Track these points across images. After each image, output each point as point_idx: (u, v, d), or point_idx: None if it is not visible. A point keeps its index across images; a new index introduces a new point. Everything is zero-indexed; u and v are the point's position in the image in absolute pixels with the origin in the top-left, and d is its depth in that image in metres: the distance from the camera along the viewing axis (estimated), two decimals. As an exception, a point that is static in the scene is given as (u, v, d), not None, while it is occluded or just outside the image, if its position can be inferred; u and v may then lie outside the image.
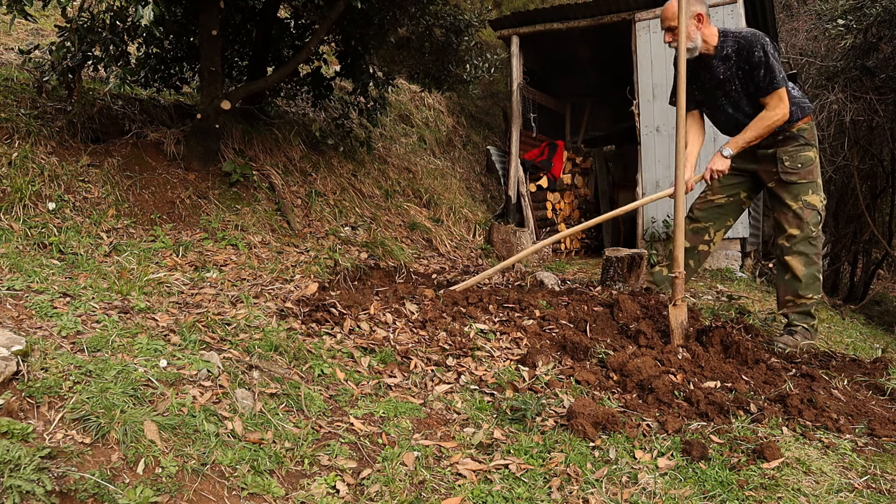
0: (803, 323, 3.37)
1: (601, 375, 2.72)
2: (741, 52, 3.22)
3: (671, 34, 3.25)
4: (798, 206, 3.29)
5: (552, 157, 7.75)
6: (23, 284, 2.61)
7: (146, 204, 3.85)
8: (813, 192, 3.30)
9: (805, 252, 3.30)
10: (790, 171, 3.30)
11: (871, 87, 6.73)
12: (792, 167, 3.29)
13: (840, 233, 9.40)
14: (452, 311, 3.22)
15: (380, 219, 5.37)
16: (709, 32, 3.27)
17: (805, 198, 3.29)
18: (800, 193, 3.30)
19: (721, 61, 3.28)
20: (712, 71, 3.32)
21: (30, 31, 5.74)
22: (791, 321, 3.40)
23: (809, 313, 3.38)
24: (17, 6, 3.12)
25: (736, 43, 3.25)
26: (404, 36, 6.06)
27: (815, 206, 3.30)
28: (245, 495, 1.71)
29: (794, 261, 3.32)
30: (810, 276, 3.32)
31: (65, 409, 1.75)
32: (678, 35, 3.06)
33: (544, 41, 7.91)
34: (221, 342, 2.45)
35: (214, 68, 4.04)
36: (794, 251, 3.31)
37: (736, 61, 3.25)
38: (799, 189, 3.30)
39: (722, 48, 3.27)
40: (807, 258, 3.31)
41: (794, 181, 3.30)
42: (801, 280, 3.31)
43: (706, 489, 1.91)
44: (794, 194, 3.31)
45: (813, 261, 3.31)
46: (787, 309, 3.41)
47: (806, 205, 3.29)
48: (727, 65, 3.28)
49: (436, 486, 1.88)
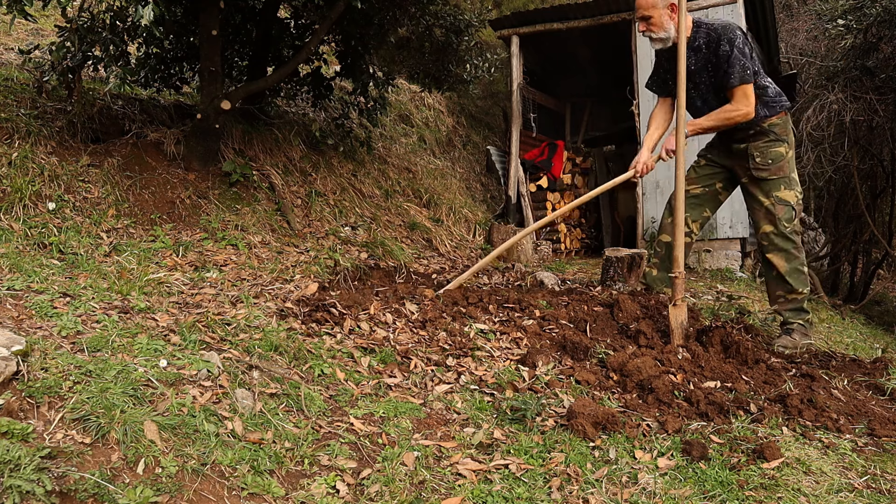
0: (798, 319, 3.37)
1: (601, 375, 2.72)
2: (710, 44, 3.19)
3: (645, 23, 3.23)
4: (769, 203, 3.28)
5: (552, 157, 7.75)
6: (23, 284, 2.61)
7: (146, 204, 3.85)
8: (785, 188, 3.28)
9: (783, 247, 3.29)
10: (761, 167, 3.28)
11: (871, 87, 6.73)
12: (763, 163, 3.28)
13: (840, 233, 9.40)
14: (452, 311, 3.22)
15: (380, 219, 5.37)
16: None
17: (777, 194, 3.28)
18: (771, 189, 3.29)
19: (693, 52, 3.24)
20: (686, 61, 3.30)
21: (30, 31, 5.74)
22: (786, 319, 3.40)
23: (802, 308, 3.37)
24: (17, 6, 3.12)
25: (707, 35, 3.21)
26: (404, 36, 6.06)
27: (789, 201, 3.28)
28: (245, 495, 1.71)
29: (775, 258, 3.32)
30: (793, 271, 3.31)
31: (65, 409, 1.75)
32: (651, 25, 3.16)
33: (544, 41, 7.91)
34: (221, 342, 2.45)
35: (214, 68, 4.04)
36: (772, 248, 3.31)
37: (706, 53, 3.22)
38: (770, 185, 3.29)
39: (695, 39, 3.23)
40: (786, 253, 3.30)
41: (765, 177, 3.28)
42: (786, 275, 3.31)
43: (706, 489, 1.91)
44: (766, 190, 3.30)
45: (793, 255, 3.30)
46: (780, 306, 3.41)
47: (778, 200, 3.27)
48: (698, 56, 3.25)
49: (436, 486, 1.88)
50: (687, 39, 3.17)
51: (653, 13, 3.18)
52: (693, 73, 3.27)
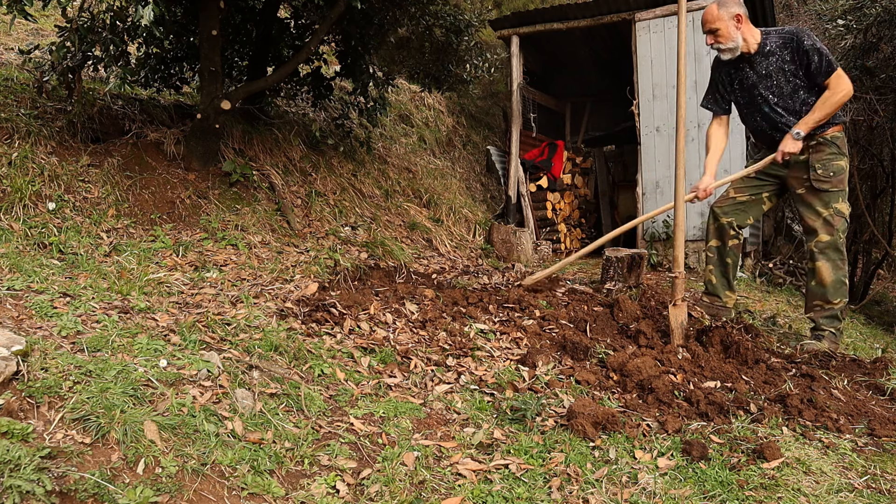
0: (830, 327, 3.41)
1: (601, 375, 2.72)
2: (786, 45, 3.28)
3: (712, 37, 3.34)
4: (829, 213, 3.33)
5: (552, 157, 7.75)
6: (23, 284, 2.61)
7: (146, 204, 3.85)
8: (842, 200, 3.34)
9: (833, 258, 3.35)
10: (822, 178, 3.33)
11: (871, 87, 6.73)
12: (825, 175, 3.32)
13: (840, 233, 9.37)
14: (452, 311, 3.22)
15: (380, 219, 5.37)
16: (749, 31, 3.33)
17: (835, 205, 3.33)
18: (830, 201, 3.33)
19: (764, 57, 3.34)
20: (755, 67, 3.37)
21: (30, 31, 5.74)
22: (818, 325, 3.44)
23: (836, 317, 3.42)
24: (17, 6, 3.12)
25: (780, 38, 3.31)
26: (404, 36, 6.06)
27: (844, 213, 3.35)
28: (245, 495, 1.71)
29: (824, 267, 3.37)
30: (837, 282, 3.36)
31: (65, 409, 1.75)
32: (719, 37, 3.29)
33: (544, 41, 7.91)
34: (221, 342, 2.45)
35: (214, 68, 4.04)
36: (823, 257, 3.37)
37: (780, 56, 3.30)
38: (830, 197, 3.34)
39: (765, 44, 3.33)
40: (834, 264, 3.36)
41: (827, 189, 3.33)
42: (828, 285, 3.36)
43: (706, 489, 1.91)
44: (826, 202, 3.34)
45: (839, 266, 3.37)
46: (815, 313, 3.46)
47: (836, 212, 3.33)
48: (769, 60, 3.33)
49: (436, 486, 1.88)
50: (757, 46, 3.32)
51: (720, 25, 3.29)
52: (765, 76, 3.36)
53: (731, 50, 3.33)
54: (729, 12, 3.27)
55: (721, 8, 3.28)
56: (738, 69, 3.43)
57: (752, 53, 3.34)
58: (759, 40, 3.33)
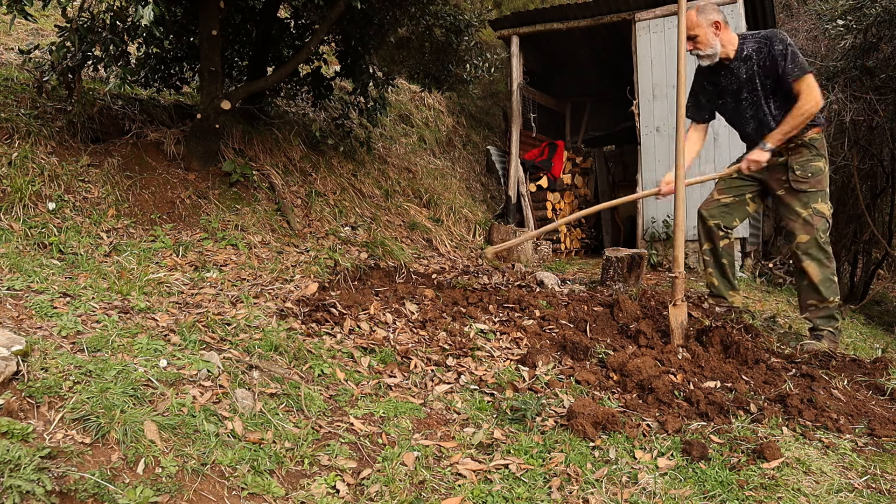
0: (828, 327, 3.43)
1: (601, 375, 2.72)
2: (761, 50, 3.30)
3: (692, 42, 3.36)
4: (808, 214, 3.36)
5: (552, 157, 7.75)
6: (23, 284, 2.61)
7: (146, 204, 3.85)
8: (822, 201, 3.37)
9: (818, 257, 3.38)
10: (801, 179, 3.36)
11: (871, 87, 6.73)
12: (803, 176, 3.36)
13: (840, 233, 9.39)
14: (452, 311, 3.22)
15: (380, 219, 5.36)
16: (727, 38, 3.36)
17: (815, 206, 3.36)
18: (810, 201, 3.36)
19: (742, 62, 3.36)
20: (735, 73, 3.39)
21: (30, 31, 5.74)
22: (816, 325, 3.47)
23: (833, 316, 3.44)
24: (17, 6, 3.12)
25: (756, 42, 3.33)
26: (404, 36, 6.06)
27: (824, 213, 3.37)
28: (245, 495, 1.71)
29: (810, 267, 3.39)
30: (826, 280, 3.39)
31: (65, 409, 1.75)
32: (698, 43, 3.30)
33: (544, 41, 7.91)
34: (221, 342, 2.45)
35: (214, 68, 4.03)
36: (808, 257, 3.39)
37: (756, 59, 3.32)
38: (809, 197, 3.37)
39: (742, 50, 3.35)
40: (819, 262, 3.38)
41: (805, 189, 3.36)
42: (818, 284, 3.39)
43: (706, 489, 1.91)
44: (804, 202, 3.37)
45: (825, 264, 3.39)
46: (811, 314, 3.48)
47: (815, 212, 3.35)
48: (748, 65, 3.35)
49: (436, 486, 1.88)
50: (734, 52, 3.35)
51: (698, 32, 3.32)
52: (745, 81, 3.38)
53: (710, 56, 3.36)
54: (707, 19, 3.29)
55: (700, 14, 3.30)
56: (720, 76, 3.46)
57: (731, 59, 3.37)
58: (736, 46, 3.36)
